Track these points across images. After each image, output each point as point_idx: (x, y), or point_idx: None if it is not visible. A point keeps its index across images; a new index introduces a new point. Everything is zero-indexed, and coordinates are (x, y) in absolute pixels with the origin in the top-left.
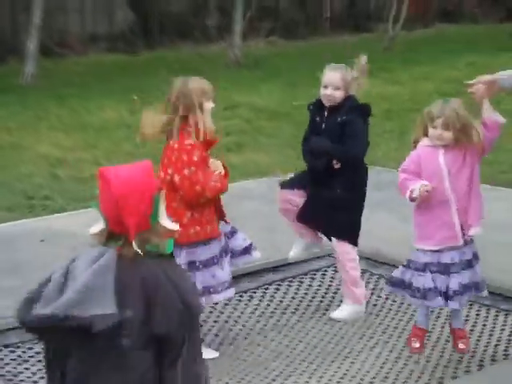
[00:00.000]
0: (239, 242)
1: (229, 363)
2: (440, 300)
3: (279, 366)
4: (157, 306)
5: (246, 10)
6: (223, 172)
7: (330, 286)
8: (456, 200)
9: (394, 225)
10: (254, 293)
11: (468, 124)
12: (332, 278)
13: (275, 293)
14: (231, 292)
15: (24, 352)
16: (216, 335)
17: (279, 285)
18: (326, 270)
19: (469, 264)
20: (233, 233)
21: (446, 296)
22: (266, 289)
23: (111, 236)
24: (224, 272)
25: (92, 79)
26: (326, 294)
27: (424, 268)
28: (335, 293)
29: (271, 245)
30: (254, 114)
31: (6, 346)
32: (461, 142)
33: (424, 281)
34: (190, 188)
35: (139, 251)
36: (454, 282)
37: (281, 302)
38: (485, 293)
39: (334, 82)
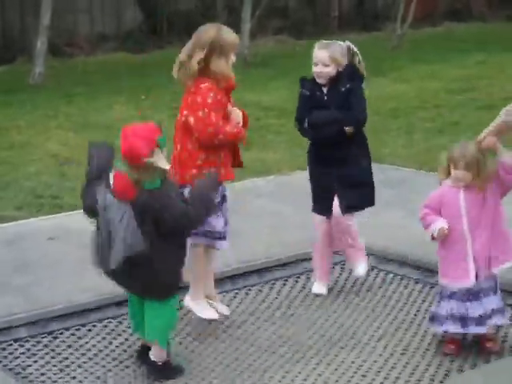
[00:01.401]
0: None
1: (235, 347)
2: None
3: (287, 352)
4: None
5: (254, 9)
6: (241, 122)
7: (337, 281)
8: (474, 241)
9: (402, 222)
10: (262, 287)
11: (481, 163)
12: (340, 274)
13: (282, 287)
14: (224, 244)
15: (33, 346)
16: (222, 323)
17: (286, 280)
18: (333, 267)
19: (491, 290)
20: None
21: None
22: (274, 284)
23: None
24: (218, 222)
25: (101, 78)
26: (332, 288)
27: (450, 296)
28: (342, 288)
29: (279, 242)
30: (262, 112)
31: (16, 341)
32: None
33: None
34: (203, 129)
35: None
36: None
37: (288, 295)
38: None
39: (322, 59)
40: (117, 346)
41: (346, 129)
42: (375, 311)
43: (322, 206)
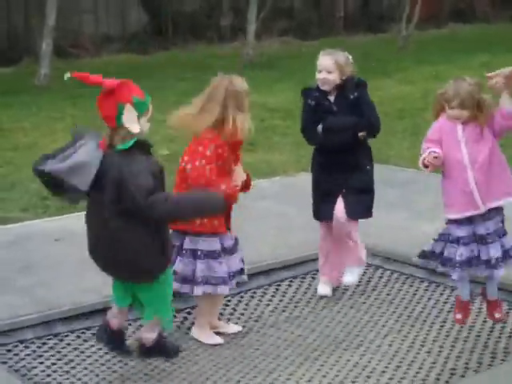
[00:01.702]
0: (236, 262)
1: (241, 351)
2: (482, 268)
3: (291, 355)
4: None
5: (259, 10)
6: (239, 184)
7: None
8: (474, 170)
9: (407, 223)
10: (267, 289)
11: (482, 100)
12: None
13: (287, 289)
14: (225, 289)
15: (39, 347)
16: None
17: (291, 281)
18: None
19: (503, 232)
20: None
21: (489, 265)
22: (279, 285)
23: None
24: (221, 268)
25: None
26: (337, 289)
27: (457, 241)
28: (347, 288)
29: (284, 243)
30: (267, 114)
31: (22, 342)
32: (477, 119)
33: (460, 252)
34: (196, 179)
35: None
36: (494, 250)
37: (293, 296)
38: None
39: (326, 65)
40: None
41: (360, 134)
42: (380, 310)
43: (324, 211)
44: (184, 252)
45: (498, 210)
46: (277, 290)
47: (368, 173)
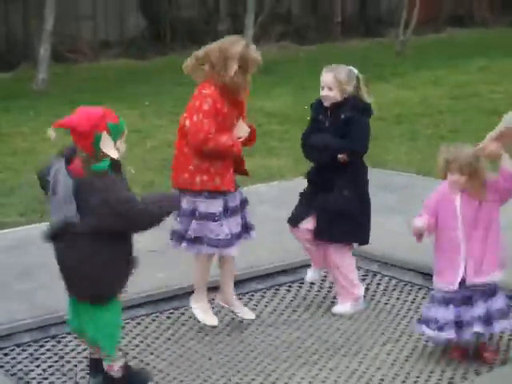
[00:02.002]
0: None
1: (239, 350)
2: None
3: (290, 357)
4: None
5: (257, 15)
6: (242, 137)
7: None
8: (467, 247)
9: (404, 228)
10: (265, 293)
11: (479, 170)
12: None
13: (286, 293)
14: (229, 251)
15: (36, 350)
16: (227, 325)
17: (290, 286)
18: None
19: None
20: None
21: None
22: (277, 290)
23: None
24: (222, 228)
25: (104, 85)
26: (336, 295)
27: (444, 302)
28: None
29: (282, 248)
30: (265, 119)
31: (18, 346)
32: (475, 190)
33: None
34: (194, 134)
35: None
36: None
37: (292, 301)
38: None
39: (327, 82)
40: (120, 349)
41: (339, 156)
42: (379, 317)
43: (294, 218)
44: (183, 212)
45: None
46: (275, 294)
47: (345, 198)
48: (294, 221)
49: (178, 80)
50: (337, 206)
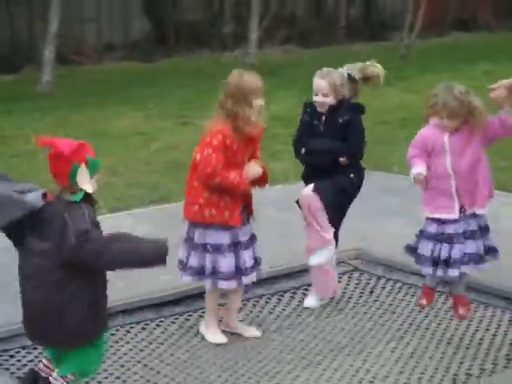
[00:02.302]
0: (248, 258)
1: (244, 354)
2: (434, 269)
3: (294, 359)
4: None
5: (261, 19)
6: (250, 177)
7: (344, 291)
8: (457, 178)
9: (408, 231)
10: (270, 297)
11: (473, 108)
12: (347, 283)
13: (291, 298)
14: (223, 284)
15: (41, 353)
16: (232, 334)
17: (295, 292)
18: (340, 277)
19: (472, 235)
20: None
21: (447, 264)
22: (282, 295)
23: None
24: (225, 262)
25: (108, 87)
26: (340, 298)
27: (430, 237)
28: (350, 297)
29: (287, 251)
30: (269, 122)
31: (24, 348)
32: (468, 124)
33: (428, 248)
34: (203, 168)
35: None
36: (456, 250)
37: (297, 306)
38: (484, 266)
39: (322, 88)
40: (125, 354)
41: (341, 160)
42: (382, 318)
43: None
44: (196, 245)
45: (475, 215)
46: (280, 298)
47: (349, 179)
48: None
49: (183, 82)
50: (340, 183)
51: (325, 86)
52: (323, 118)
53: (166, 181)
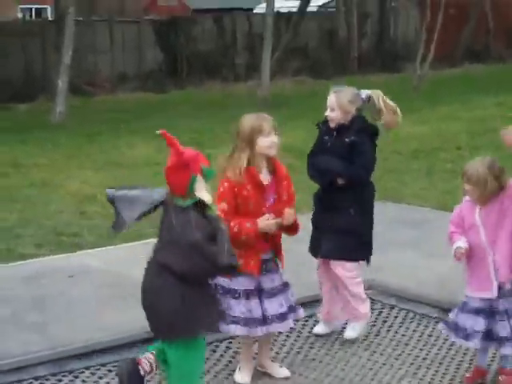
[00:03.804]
0: (275, 306)
1: None
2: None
3: None
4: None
5: (274, 50)
6: (262, 227)
7: None
8: (494, 253)
9: (420, 262)
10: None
11: (481, 182)
12: None
13: (302, 328)
14: (253, 331)
15: None
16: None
17: (306, 321)
18: None
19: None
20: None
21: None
22: (294, 324)
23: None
24: (239, 307)
25: (121, 117)
26: (346, 315)
27: (475, 312)
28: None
29: (298, 282)
30: (281, 153)
31: (36, 379)
32: (494, 195)
33: (472, 323)
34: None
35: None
36: (502, 329)
37: (308, 337)
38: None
39: (330, 103)
40: None
41: (338, 181)
42: (396, 352)
43: (312, 247)
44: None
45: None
46: (291, 330)
47: (351, 216)
48: (313, 250)
49: (195, 113)
50: (343, 225)
51: (332, 101)
52: (334, 134)
53: None
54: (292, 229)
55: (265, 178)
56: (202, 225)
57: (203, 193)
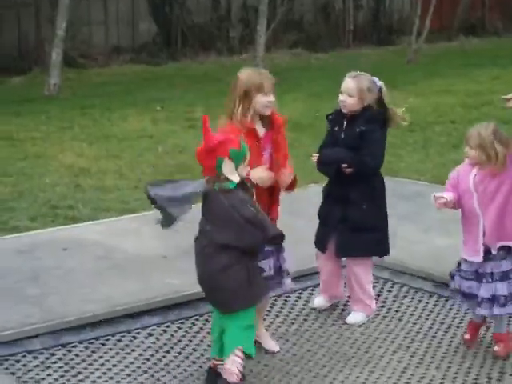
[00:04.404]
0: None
1: (249, 368)
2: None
3: (300, 372)
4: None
5: (269, 22)
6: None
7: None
8: (484, 218)
9: (417, 236)
10: (276, 301)
11: (487, 145)
12: None
13: (297, 301)
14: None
15: (47, 358)
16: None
17: (300, 294)
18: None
19: (505, 276)
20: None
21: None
22: (288, 297)
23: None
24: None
25: (115, 90)
26: (348, 302)
27: (466, 276)
28: None
29: (295, 256)
30: None
31: (30, 352)
32: (492, 165)
33: (465, 286)
34: None
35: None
36: (485, 290)
37: (302, 309)
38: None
39: (348, 88)
40: (131, 362)
41: (347, 170)
42: (390, 325)
43: (318, 241)
44: None
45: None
46: (286, 302)
47: (364, 211)
48: (321, 245)
49: (190, 86)
50: (356, 220)
51: (352, 87)
52: (344, 124)
53: None
54: (289, 186)
55: (260, 130)
56: (249, 201)
57: (232, 175)
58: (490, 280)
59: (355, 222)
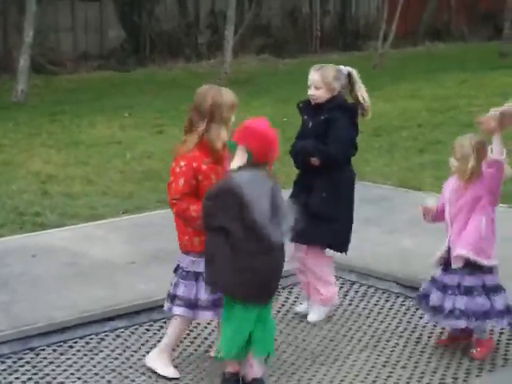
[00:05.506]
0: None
1: (217, 365)
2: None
3: (268, 369)
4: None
5: (237, 28)
6: None
7: None
8: (451, 229)
9: (382, 239)
10: None
11: (465, 158)
12: None
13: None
14: (207, 315)
15: (15, 362)
16: (208, 341)
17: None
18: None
19: (467, 291)
20: None
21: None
22: None
23: (255, 165)
24: (188, 289)
25: (83, 96)
26: (309, 299)
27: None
28: None
29: None
30: None
31: None
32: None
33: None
34: (170, 198)
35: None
36: (448, 303)
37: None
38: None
39: (314, 81)
40: (98, 362)
41: (312, 160)
42: (356, 324)
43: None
44: (187, 275)
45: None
46: None
47: (322, 199)
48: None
49: (158, 92)
50: (314, 208)
51: (317, 79)
52: (312, 114)
53: (141, 190)
54: None
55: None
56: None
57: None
58: (456, 293)
59: (313, 210)
